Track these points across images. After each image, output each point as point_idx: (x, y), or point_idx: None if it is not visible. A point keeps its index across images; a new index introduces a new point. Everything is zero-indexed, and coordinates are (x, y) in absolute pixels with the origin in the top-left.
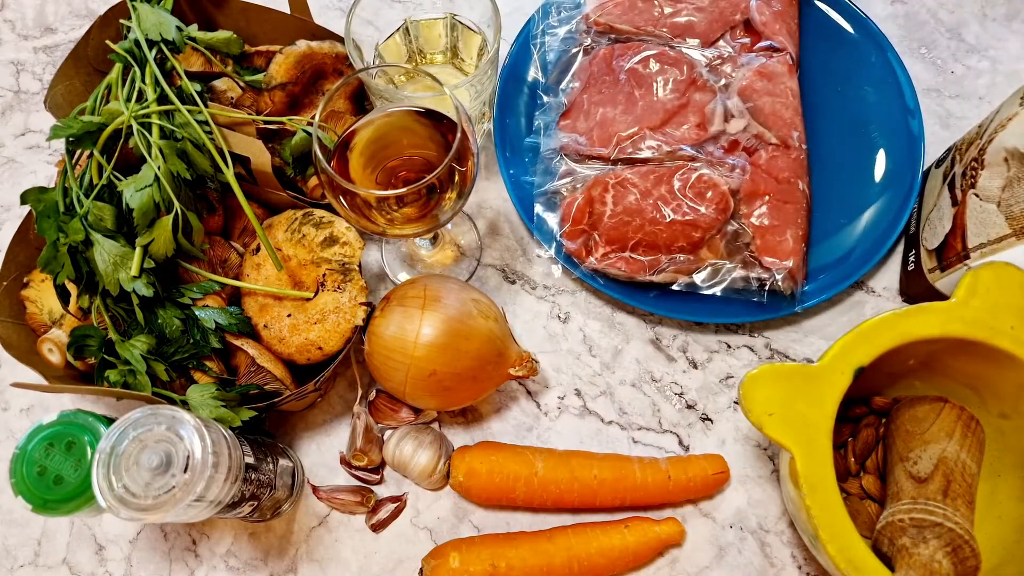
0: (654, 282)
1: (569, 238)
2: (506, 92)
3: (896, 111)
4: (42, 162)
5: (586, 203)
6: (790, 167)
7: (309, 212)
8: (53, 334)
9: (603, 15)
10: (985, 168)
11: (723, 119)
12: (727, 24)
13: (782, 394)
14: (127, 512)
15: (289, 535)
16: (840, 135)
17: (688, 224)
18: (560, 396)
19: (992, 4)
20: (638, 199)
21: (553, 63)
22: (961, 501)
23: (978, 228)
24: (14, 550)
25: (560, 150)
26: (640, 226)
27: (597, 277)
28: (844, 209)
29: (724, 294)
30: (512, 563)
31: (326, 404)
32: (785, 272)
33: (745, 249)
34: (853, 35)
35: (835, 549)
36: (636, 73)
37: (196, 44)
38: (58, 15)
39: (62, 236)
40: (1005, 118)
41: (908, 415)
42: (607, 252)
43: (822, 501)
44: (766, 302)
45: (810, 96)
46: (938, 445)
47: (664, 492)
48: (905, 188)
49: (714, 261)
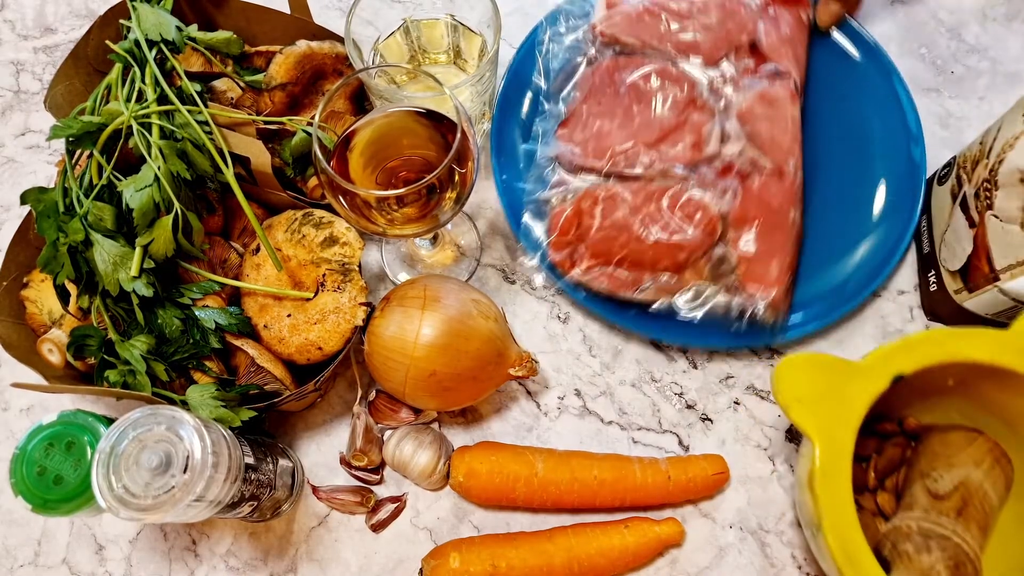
0: (635, 300)
1: (555, 248)
2: (507, 96)
3: (899, 138)
4: (42, 162)
5: (575, 215)
6: (782, 195)
7: (309, 212)
8: (53, 334)
9: (609, 26)
10: (1000, 189)
11: (719, 141)
12: (732, 45)
13: (815, 383)
14: (127, 512)
15: (289, 535)
16: (840, 162)
17: (674, 245)
18: (560, 396)
19: (992, 4)
20: (627, 215)
21: (557, 71)
22: (974, 524)
23: (1004, 249)
24: (14, 550)
25: (555, 159)
26: (626, 242)
27: (579, 289)
28: (840, 239)
29: (705, 318)
30: (512, 563)
31: (326, 404)
32: (767, 301)
33: (730, 274)
34: (860, 61)
35: (835, 542)
36: (637, 88)
37: (196, 44)
38: (58, 15)
39: (62, 236)
40: (1012, 136)
41: (939, 438)
42: (591, 265)
43: (832, 492)
44: (744, 330)
45: (813, 122)
46: (963, 469)
47: (664, 492)
48: (903, 221)
49: (698, 284)
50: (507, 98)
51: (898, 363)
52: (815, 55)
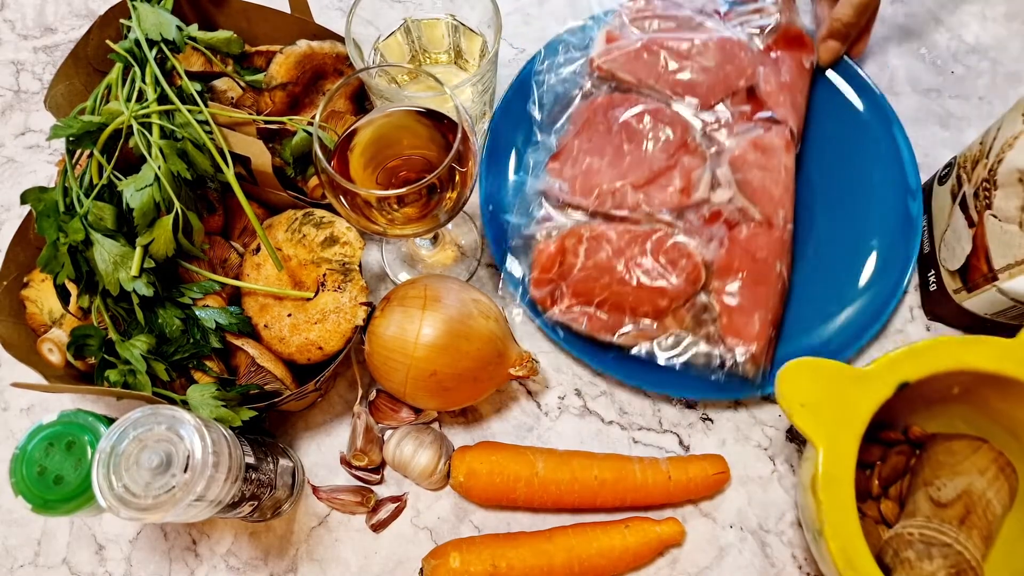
0: (614, 343)
1: (536, 285)
2: (499, 125)
3: (897, 192)
4: (42, 162)
5: (558, 252)
6: (770, 247)
7: (309, 212)
8: (53, 334)
9: (607, 61)
10: (999, 189)
11: (708, 187)
12: (729, 89)
13: (819, 388)
14: (127, 512)
15: (289, 535)
16: (834, 214)
17: (656, 290)
18: (560, 396)
19: (992, 4)
20: (610, 256)
21: (551, 103)
22: (977, 533)
23: (1002, 249)
24: (14, 550)
25: (543, 193)
26: (608, 284)
27: (558, 329)
28: (829, 293)
29: (683, 368)
30: (512, 563)
31: (326, 404)
32: (748, 355)
33: (711, 324)
34: (861, 111)
35: (836, 546)
36: (629, 127)
37: (196, 44)
38: (58, 15)
39: (62, 236)
40: (1011, 136)
41: (943, 447)
42: (571, 305)
43: (835, 498)
44: (723, 382)
45: (808, 171)
46: (966, 478)
47: (664, 492)
48: (895, 276)
49: (678, 332)
50: (499, 127)
51: (904, 370)
52: (815, 102)
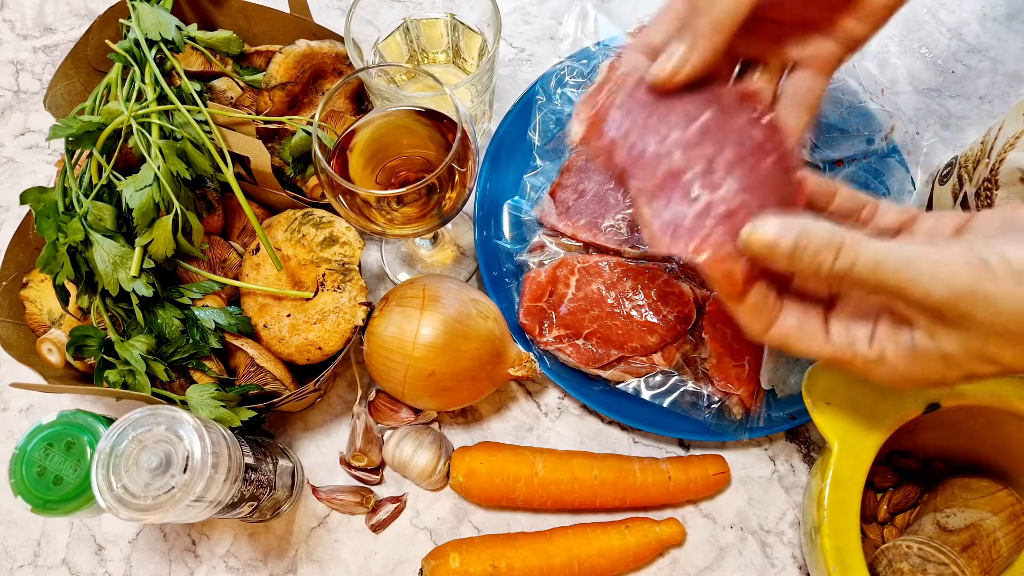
0: (601, 377)
1: (526, 314)
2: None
3: None
4: (42, 162)
5: (549, 281)
6: None
7: (309, 212)
8: (53, 334)
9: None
10: (1000, 188)
11: None
12: None
13: (849, 393)
14: (127, 512)
15: (289, 535)
16: None
17: (646, 326)
18: (560, 396)
19: (992, 4)
20: (601, 289)
21: (553, 130)
22: (977, 564)
23: None
24: (14, 550)
25: (538, 220)
26: (597, 317)
27: (545, 359)
28: None
29: (670, 407)
30: (512, 563)
31: (326, 404)
32: (737, 399)
33: (700, 365)
34: None
35: (831, 545)
36: None
37: (196, 44)
38: (58, 15)
39: (61, 236)
40: (1013, 136)
41: (961, 482)
42: (560, 336)
43: (839, 498)
44: (711, 425)
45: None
46: (978, 513)
47: (664, 492)
48: None
49: (666, 370)
50: (498, 150)
51: (937, 392)
52: None
